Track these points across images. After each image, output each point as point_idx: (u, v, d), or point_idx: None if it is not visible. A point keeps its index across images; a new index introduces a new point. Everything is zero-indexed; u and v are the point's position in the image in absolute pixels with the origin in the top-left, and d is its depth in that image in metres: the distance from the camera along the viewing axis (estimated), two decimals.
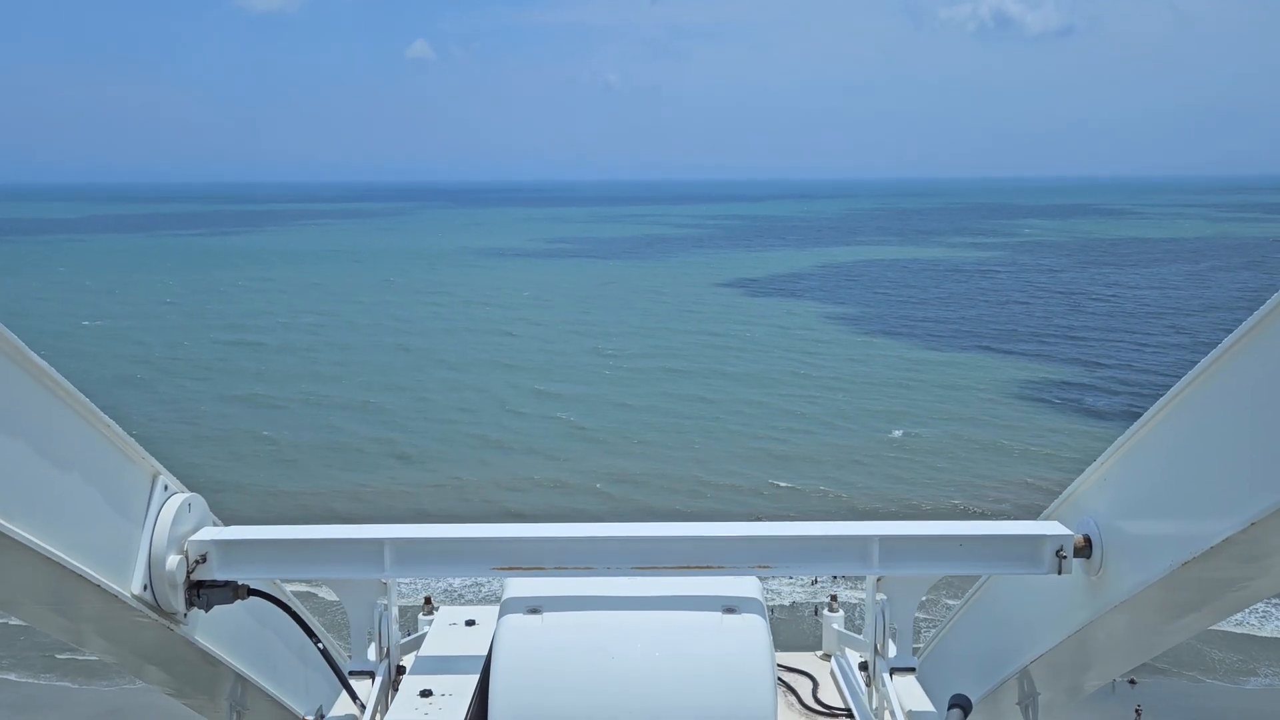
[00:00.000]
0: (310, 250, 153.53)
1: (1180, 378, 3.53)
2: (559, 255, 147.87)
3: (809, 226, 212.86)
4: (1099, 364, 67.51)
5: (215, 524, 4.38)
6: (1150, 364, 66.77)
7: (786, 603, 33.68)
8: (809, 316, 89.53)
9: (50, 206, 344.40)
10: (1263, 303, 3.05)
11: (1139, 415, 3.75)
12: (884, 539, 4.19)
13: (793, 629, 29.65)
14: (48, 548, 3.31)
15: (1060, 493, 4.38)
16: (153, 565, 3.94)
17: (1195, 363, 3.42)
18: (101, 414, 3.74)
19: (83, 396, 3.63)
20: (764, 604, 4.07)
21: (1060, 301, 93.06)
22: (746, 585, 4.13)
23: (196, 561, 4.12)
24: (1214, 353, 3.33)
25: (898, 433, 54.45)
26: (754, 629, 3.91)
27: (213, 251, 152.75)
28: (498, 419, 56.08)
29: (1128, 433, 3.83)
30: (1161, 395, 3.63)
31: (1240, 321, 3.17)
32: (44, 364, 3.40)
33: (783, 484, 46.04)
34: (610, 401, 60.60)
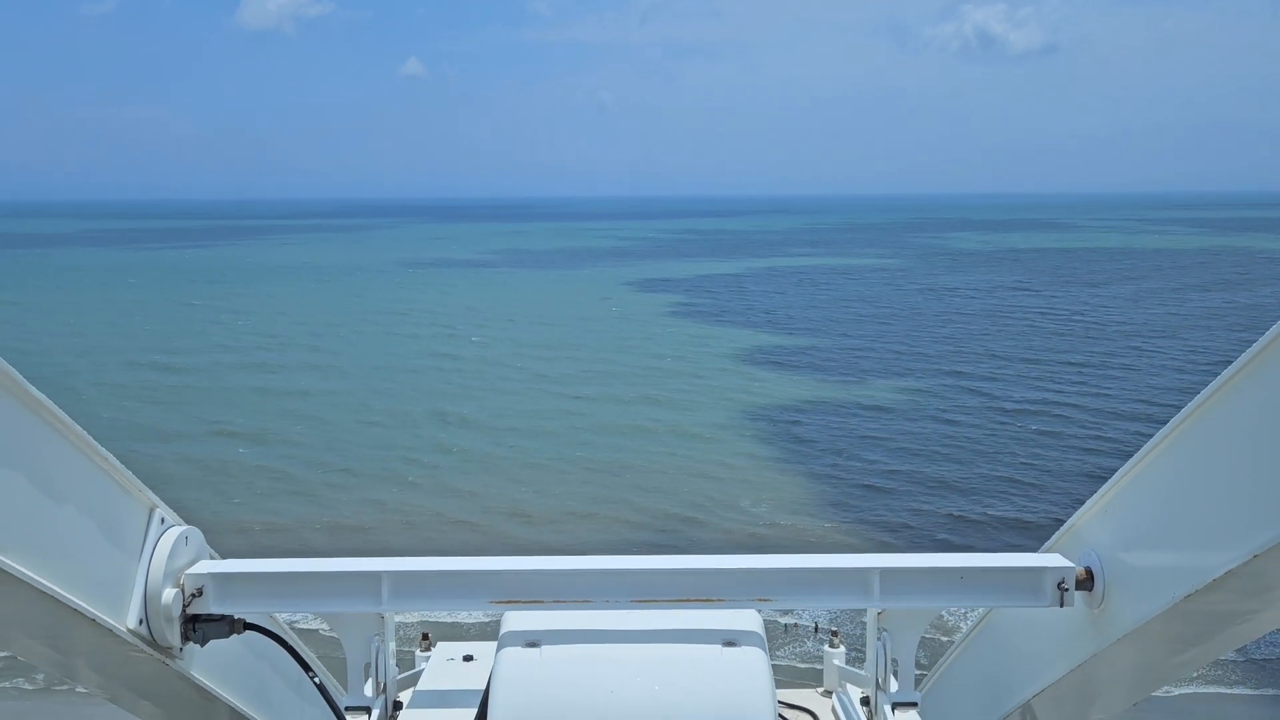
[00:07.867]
0: (258, 265, 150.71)
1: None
2: (489, 265, 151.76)
3: (740, 240, 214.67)
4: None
5: (212, 557, 4.16)
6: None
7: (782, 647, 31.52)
8: (658, 306, 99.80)
9: (38, 222, 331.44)
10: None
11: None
12: (885, 571, 4.04)
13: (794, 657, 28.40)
14: (42, 581, 3.10)
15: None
16: (149, 599, 3.73)
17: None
18: (99, 446, 3.54)
19: (80, 429, 3.42)
20: (764, 637, 3.90)
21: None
22: (746, 618, 3.96)
23: (193, 595, 3.91)
24: (1215, 383, 3.19)
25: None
26: (754, 661, 3.73)
27: (177, 267, 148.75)
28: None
29: (1129, 463, 3.69)
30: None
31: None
32: (41, 396, 3.19)
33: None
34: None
